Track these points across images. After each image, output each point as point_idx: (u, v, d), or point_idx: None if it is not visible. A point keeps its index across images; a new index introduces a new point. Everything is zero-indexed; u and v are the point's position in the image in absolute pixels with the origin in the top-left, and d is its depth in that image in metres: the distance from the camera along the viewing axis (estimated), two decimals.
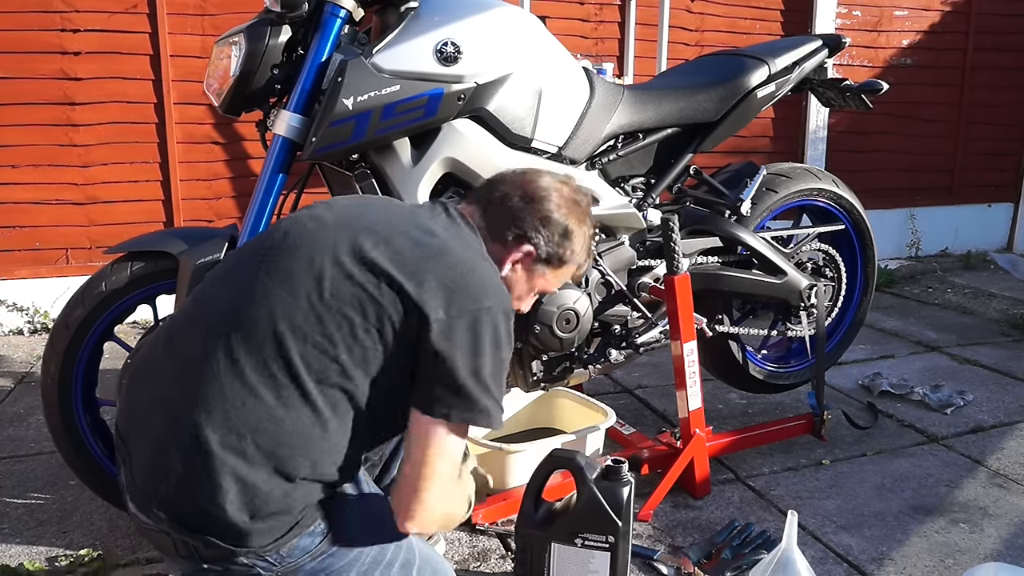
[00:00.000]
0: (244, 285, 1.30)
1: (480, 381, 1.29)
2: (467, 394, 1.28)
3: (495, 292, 1.34)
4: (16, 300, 3.64)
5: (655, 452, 2.25)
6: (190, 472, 1.21)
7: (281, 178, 1.91)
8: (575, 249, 1.51)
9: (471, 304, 1.29)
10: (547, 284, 1.55)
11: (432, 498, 1.27)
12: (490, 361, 1.30)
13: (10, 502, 2.15)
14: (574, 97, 2.11)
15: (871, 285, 2.76)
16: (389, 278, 1.26)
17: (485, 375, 1.29)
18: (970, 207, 5.42)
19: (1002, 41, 5.24)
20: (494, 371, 1.31)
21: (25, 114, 3.51)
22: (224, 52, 1.92)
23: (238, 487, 1.20)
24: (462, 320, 1.28)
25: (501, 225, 1.46)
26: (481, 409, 1.29)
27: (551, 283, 1.55)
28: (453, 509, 1.37)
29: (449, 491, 1.31)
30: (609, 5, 4.33)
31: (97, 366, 1.95)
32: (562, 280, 1.57)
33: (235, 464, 1.20)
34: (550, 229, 1.47)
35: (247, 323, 1.26)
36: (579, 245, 1.52)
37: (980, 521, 2.10)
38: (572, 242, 1.50)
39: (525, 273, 1.50)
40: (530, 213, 1.46)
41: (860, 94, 2.50)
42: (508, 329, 1.34)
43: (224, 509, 1.20)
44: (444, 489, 1.29)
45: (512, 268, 1.48)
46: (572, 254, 1.51)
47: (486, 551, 1.94)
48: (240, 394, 1.22)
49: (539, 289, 1.55)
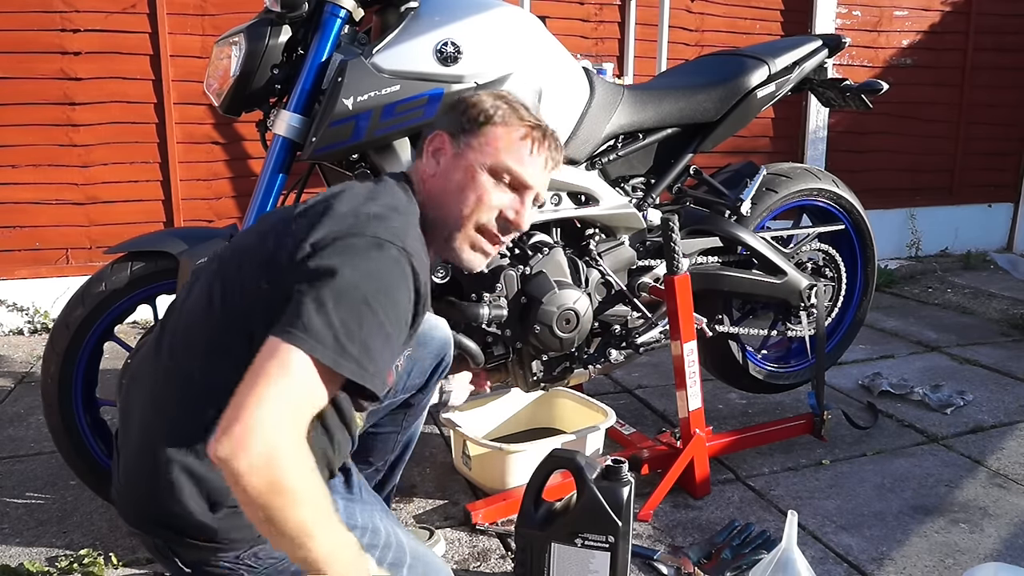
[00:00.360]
0: (201, 284, 1.31)
1: (322, 306, 1.11)
2: (300, 312, 1.11)
3: (367, 225, 1.20)
4: (16, 300, 3.64)
5: (655, 452, 2.25)
6: (150, 472, 1.23)
7: (281, 178, 1.91)
8: (487, 106, 1.38)
9: (338, 231, 1.18)
10: (491, 155, 1.36)
11: (258, 417, 1.03)
12: (344, 286, 1.13)
13: (10, 502, 2.15)
14: (574, 97, 2.11)
15: (871, 285, 2.76)
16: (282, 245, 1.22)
17: (326, 299, 1.12)
18: (970, 207, 5.42)
19: (1002, 41, 5.24)
20: (349, 298, 1.13)
21: (25, 114, 3.51)
22: (224, 52, 1.92)
23: (192, 481, 1.21)
24: (325, 247, 1.17)
25: (421, 146, 1.43)
26: (316, 336, 1.09)
27: (494, 153, 1.36)
28: (284, 456, 1.04)
29: (284, 423, 1.06)
30: (609, 5, 4.33)
31: (97, 366, 1.96)
32: (513, 151, 1.37)
33: (184, 459, 1.21)
34: (456, 106, 1.41)
35: (186, 317, 1.29)
36: (497, 103, 1.39)
37: (980, 521, 2.10)
38: (482, 102, 1.39)
39: (451, 154, 1.38)
40: (439, 116, 1.43)
41: (860, 94, 2.50)
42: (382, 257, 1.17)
43: (185, 505, 1.21)
44: (278, 417, 1.05)
45: (432, 159, 1.39)
46: (490, 109, 1.38)
47: (486, 551, 1.94)
48: (185, 396, 1.24)
49: (486, 164, 1.36)
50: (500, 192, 1.38)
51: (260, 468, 1.02)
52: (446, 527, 2.02)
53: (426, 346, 1.73)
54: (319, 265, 1.15)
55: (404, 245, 1.20)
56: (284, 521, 1.05)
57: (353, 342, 1.12)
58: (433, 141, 1.40)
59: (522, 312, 2.04)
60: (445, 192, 1.37)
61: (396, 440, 1.80)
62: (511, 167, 1.37)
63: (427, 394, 1.79)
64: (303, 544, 1.07)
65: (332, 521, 1.11)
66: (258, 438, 1.02)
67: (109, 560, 1.85)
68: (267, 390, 1.05)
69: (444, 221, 1.38)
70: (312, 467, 1.09)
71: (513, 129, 1.38)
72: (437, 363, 1.76)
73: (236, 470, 1.02)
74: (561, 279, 2.07)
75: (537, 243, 2.09)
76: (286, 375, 1.07)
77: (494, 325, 2.03)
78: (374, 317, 1.14)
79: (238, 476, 1.02)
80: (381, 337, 1.16)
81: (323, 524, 1.09)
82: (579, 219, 2.17)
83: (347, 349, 1.11)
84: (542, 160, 1.41)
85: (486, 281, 2.01)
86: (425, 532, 1.94)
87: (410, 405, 1.78)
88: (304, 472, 1.07)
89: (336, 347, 1.10)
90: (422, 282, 1.23)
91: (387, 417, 1.76)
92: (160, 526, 1.26)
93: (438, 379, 1.80)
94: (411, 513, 2.10)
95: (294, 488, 1.04)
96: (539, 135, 1.40)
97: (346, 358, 1.11)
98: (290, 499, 1.04)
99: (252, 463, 1.01)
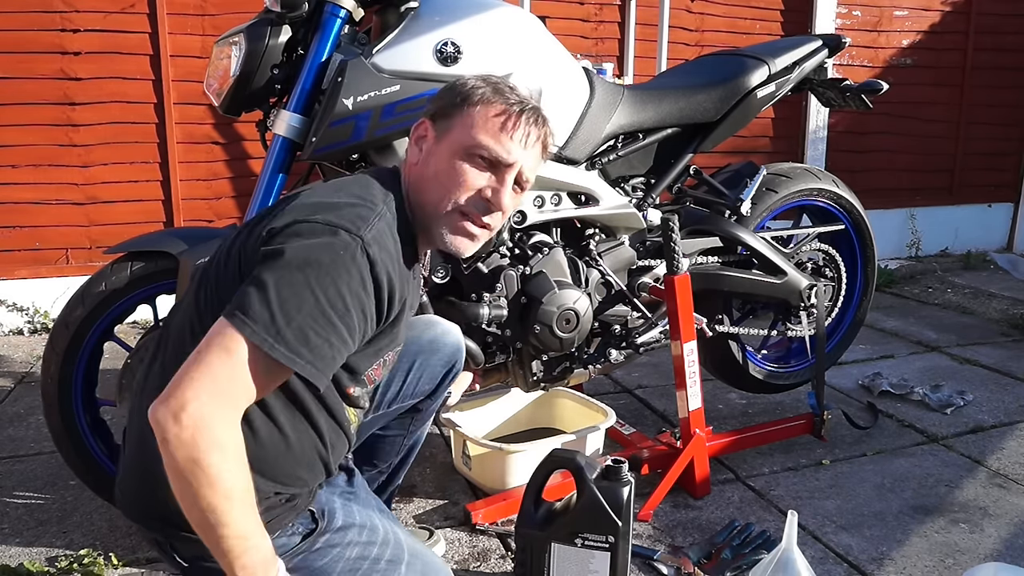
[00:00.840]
0: (194, 283, 1.33)
1: (263, 287, 1.12)
2: (244, 292, 1.12)
3: (324, 212, 1.19)
4: (16, 300, 3.64)
5: (655, 452, 2.25)
6: (144, 467, 1.25)
7: (281, 178, 1.92)
8: (467, 88, 1.34)
9: (294, 218, 1.18)
10: (465, 135, 1.32)
11: (193, 392, 1.06)
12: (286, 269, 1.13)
13: (10, 502, 2.15)
14: (574, 97, 2.11)
15: (871, 285, 2.76)
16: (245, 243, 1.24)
17: (267, 280, 1.12)
18: (970, 207, 5.42)
19: (1002, 41, 5.24)
20: (289, 281, 1.12)
21: (25, 114, 3.51)
22: (224, 52, 1.92)
23: None
24: (279, 232, 1.18)
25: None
26: (252, 316, 1.10)
27: (469, 132, 1.32)
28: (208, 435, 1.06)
29: (216, 402, 1.08)
30: (609, 5, 4.33)
31: (97, 366, 1.95)
32: (488, 129, 1.32)
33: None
34: (442, 93, 1.38)
35: (178, 322, 1.30)
36: (479, 84, 1.35)
37: (980, 521, 2.10)
38: (465, 85, 1.35)
39: (432, 140, 1.35)
40: (428, 105, 1.39)
41: (860, 94, 2.50)
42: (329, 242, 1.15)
43: (168, 503, 1.20)
44: (209, 395, 1.07)
45: (416, 147, 1.36)
46: (470, 91, 1.34)
47: (486, 551, 1.93)
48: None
49: (462, 145, 1.32)
50: (477, 172, 1.32)
51: (185, 440, 1.05)
52: (446, 527, 2.02)
53: (437, 352, 1.72)
54: (268, 249, 1.16)
55: (359, 232, 1.18)
56: (195, 498, 1.07)
57: (290, 326, 1.11)
58: (417, 129, 1.37)
59: (522, 312, 2.04)
60: (424, 178, 1.34)
61: (402, 443, 1.80)
62: (486, 144, 1.31)
63: (436, 400, 1.79)
64: (213, 530, 1.09)
65: (247, 517, 1.11)
66: (188, 412, 1.05)
67: (109, 560, 1.85)
68: (206, 369, 1.08)
69: (426, 207, 1.34)
70: (237, 456, 1.10)
71: (490, 107, 1.33)
72: (448, 369, 1.76)
73: (164, 436, 1.06)
74: (561, 279, 2.07)
75: (537, 243, 2.09)
76: (225, 356, 1.09)
77: (494, 325, 2.03)
78: (316, 302, 1.13)
79: (165, 442, 1.07)
80: (323, 323, 1.14)
81: (236, 516, 1.09)
82: (579, 219, 2.17)
83: (282, 333, 1.11)
84: (520, 135, 1.33)
85: (486, 281, 2.01)
86: (425, 532, 1.94)
87: (418, 410, 1.77)
88: (225, 456, 1.08)
89: (271, 330, 1.10)
90: (382, 269, 1.20)
91: (395, 421, 1.76)
92: (156, 520, 1.28)
93: (448, 385, 1.79)
94: (411, 513, 2.10)
95: (210, 470, 1.06)
96: (516, 109, 1.33)
97: (280, 342, 1.11)
98: (205, 479, 1.06)
99: (178, 434, 1.06)
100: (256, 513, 1.14)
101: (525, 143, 1.34)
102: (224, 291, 1.22)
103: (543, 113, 1.38)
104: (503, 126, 1.32)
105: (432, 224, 1.35)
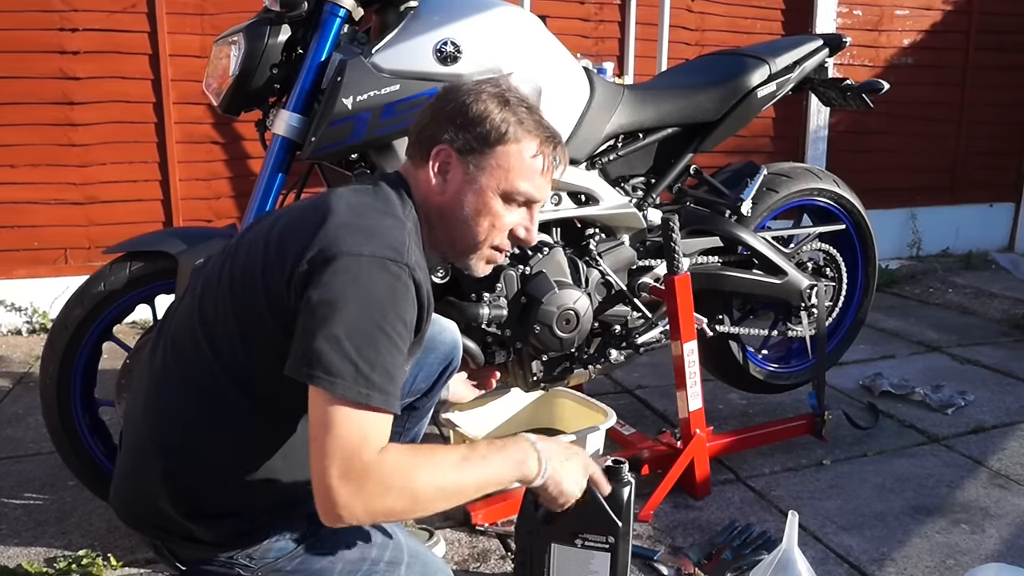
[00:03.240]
0: (192, 290, 1.33)
1: (333, 340, 1.10)
2: (318, 353, 1.10)
3: (365, 242, 1.16)
4: (15, 300, 3.63)
5: (655, 452, 2.24)
6: (138, 473, 1.27)
7: (280, 178, 1.91)
8: (496, 122, 1.30)
9: (335, 249, 1.14)
10: (503, 179, 1.31)
11: (333, 482, 1.08)
12: (353, 315, 1.11)
13: (8, 503, 2.14)
14: (574, 97, 2.10)
15: (872, 285, 2.76)
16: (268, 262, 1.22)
17: (338, 332, 1.10)
18: (971, 207, 5.41)
19: (1003, 40, 5.24)
20: (360, 327, 1.11)
21: (24, 114, 3.50)
22: (223, 52, 1.92)
23: (173, 488, 1.23)
24: (323, 268, 1.14)
25: (420, 151, 1.34)
26: (336, 373, 1.09)
27: (507, 176, 1.31)
28: (382, 503, 1.11)
29: (363, 477, 1.09)
30: (609, 5, 4.33)
31: (96, 366, 1.95)
32: (526, 173, 1.32)
33: (165, 463, 1.24)
34: (460, 116, 1.30)
35: (177, 326, 1.30)
36: (505, 116, 1.30)
37: (981, 522, 2.10)
38: (492, 116, 1.30)
39: (460, 176, 1.31)
40: (439, 118, 1.32)
41: (861, 93, 2.50)
42: (384, 277, 1.14)
43: (169, 507, 1.24)
44: (353, 475, 1.08)
45: (439, 178, 1.32)
46: (500, 126, 1.30)
47: (486, 551, 1.93)
48: (167, 397, 1.27)
49: (499, 189, 1.31)
50: (512, 212, 1.35)
51: (374, 516, 1.13)
52: (446, 527, 2.02)
53: (434, 351, 1.72)
54: (322, 297, 1.12)
55: (404, 259, 1.18)
56: (435, 507, 1.18)
57: (375, 370, 1.12)
58: (439, 156, 1.32)
59: (522, 312, 2.04)
60: (456, 216, 1.33)
61: (399, 441, 1.79)
62: (524, 190, 1.33)
63: (432, 397, 1.79)
64: (481, 487, 1.21)
65: (476, 473, 1.20)
66: (354, 502, 1.09)
67: (108, 561, 1.85)
68: (330, 447, 1.08)
69: (455, 241, 1.37)
70: (405, 475, 1.12)
71: (524, 146, 1.32)
72: (444, 367, 1.76)
73: (361, 522, 1.13)
74: (561, 279, 2.06)
75: (537, 243, 2.08)
76: (335, 423, 1.09)
77: (494, 325, 2.02)
78: (389, 341, 1.14)
79: (365, 523, 1.16)
80: (397, 356, 1.16)
81: (470, 485, 1.19)
82: (579, 219, 2.17)
83: (371, 379, 1.11)
84: (550, 171, 1.37)
85: (486, 281, 2.01)
86: (425, 533, 1.94)
87: (415, 408, 1.77)
88: (395, 492, 1.11)
89: (361, 381, 1.10)
90: (424, 292, 1.22)
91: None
92: (151, 526, 1.28)
93: (444, 382, 1.79)
94: None
95: (407, 512, 1.16)
96: (549, 149, 1.35)
97: (372, 388, 1.11)
98: (417, 511, 1.17)
99: (365, 518, 1.12)
100: (478, 455, 1.22)
101: (551, 176, 1.39)
102: (245, 317, 1.21)
103: (562, 139, 1.40)
104: (537, 170, 1.34)
105: (461, 254, 1.38)
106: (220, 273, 1.28)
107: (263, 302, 1.19)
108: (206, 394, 1.23)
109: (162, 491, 1.23)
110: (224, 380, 1.22)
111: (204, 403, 1.23)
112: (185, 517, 1.24)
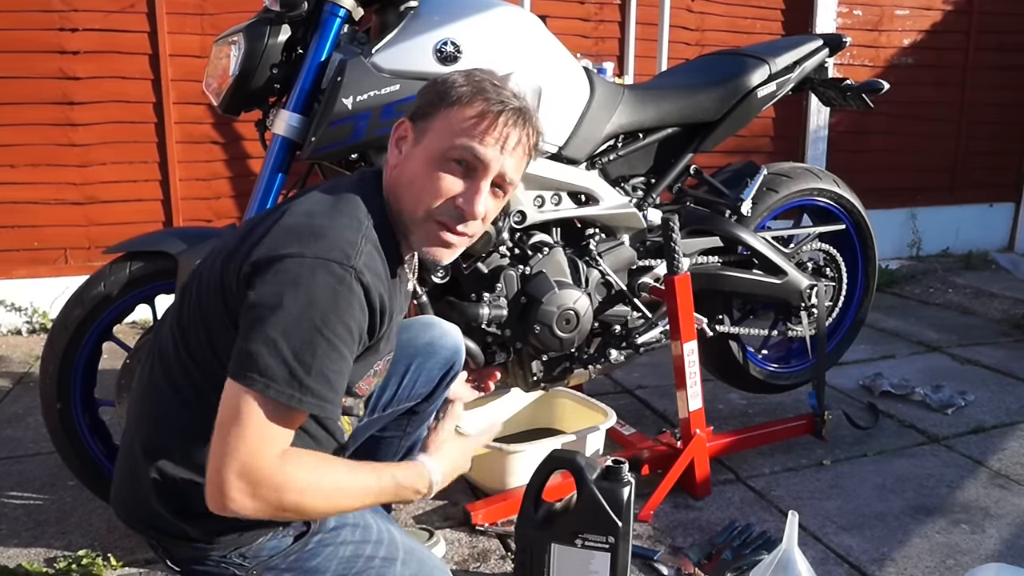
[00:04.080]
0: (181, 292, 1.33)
1: (273, 344, 1.08)
2: (254, 356, 1.08)
3: (309, 243, 1.13)
4: (14, 300, 3.63)
5: (655, 452, 2.24)
6: (133, 473, 1.27)
7: (280, 178, 1.91)
8: (447, 86, 1.25)
9: (277, 252, 1.12)
10: (443, 139, 1.23)
11: (230, 476, 1.07)
12: (291, 318, 1.09)
13: (8, 502, 2.14)
14: (574, 97, 2.10)
15: (872, 285, 2.76)
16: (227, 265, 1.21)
17: (275, 335, 1.08)
18: (971, 207, 5.41)
19: (1003, 40, 5.24)
20: (298, 331, 1.09)
21: (24, 113, 3.50)
22: (223, 51, 1.91)
23: (164, 485, 1.23)
24: (266, 269, 1.12)
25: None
26: (271, 376, 1.07)
27: (447, 136, 1.23)
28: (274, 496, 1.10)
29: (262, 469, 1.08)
30: (609, 5, 4.32)
31: (96, 366, 1.95)
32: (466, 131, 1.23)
33: (157, 464, 1.24)
34: (427, 88, 1.28)
35: (164, 328, 1.31)
36: (464, 83, 1.25)
37: (981, 522, 2.10)
38: (446, 83, 1.25)
39: (411, 143, 1.27)
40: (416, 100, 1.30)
41: (861, 93, 2.50)
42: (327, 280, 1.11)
43: (161, 507, 1.24)
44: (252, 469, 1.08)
45: (396, 149, 1.28)
46: (452, 90, 1.24)
47: (486, 551, 1.93)
48: (154, 399, 1.28)
49: (438, 150, 1.24)
50: (452, 178, 1.24)
51: (261, 515, 1.11)
52: (446, 527, 2.02)
53: (435, 355, 1.71)
54: (260, 299, 1.11)
55: (351, 262, 1.14)
56: (321, 514, 1.22)
57: (310, 374, 1.10)
58: (398, 129, 1.30)
59: (522, 312, 2.04)
60: (401, 183, 1.27)
61: (400, 445, 1.79)
62: (462, 148, 1.22)
63: (433, 402, 1.77)
64: (361, 502, 1.22)
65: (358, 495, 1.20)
66: (245, 499, 1.08)
67: (108, 561, 1.85)
68: (236, 444, 1.08)
69: (402, 214, 1.28)
70: (305, 477, 1.13)
71: (467, 108, 1.23)
72: (446, 372, 1.74)
73: (245, 516, 1.11)
74: (561, 279, 2.06)
75: (537, 243, 2.08)
76: (250, 423, 1.08)
77: (494, 325, 2.02)
78: (329, 344, 1.11)
79: (250, 517, 1.12)
80: (338, 361, 1.13)
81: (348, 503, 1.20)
82: (579, 219, 2.17)
83: (305, 383, 1.10)
84: (496, 137, 1.24)
85: (486, 281, 2.01)
86: (425, 533, 1.94)
87: (415, 413, 1.76)
88: (295, 491, 1.11)
89: (294, 384, 1.09)
90: (375, 295, 1.17)
91: (392, 423, 1.75)
92: (146, 525, 1.29)
93: (446, 387, 1.77)
94: (411, 513, 2.09)
95: (293, 510, 1.13)
96: (495, 110, 1.23)
97: (305, 393, 1.10)
98: (298, 514, 1.17)
99: (251, 515, 1.11)
100: (362, 472, 1.22)
101: (503, 146, 1.25)
102: (209, 318, 1.21)
103: (527, 112, 1.29)
104: (479, 129, 1.23)
105: (409, 232, 1.29)
106: (200, 276, 1.28)
107: (222, 305, 1.19)
108: (185, 395, 1.24)
109: (153, 491, 1.24)
110: (200, 381, 1.22)
111: (185, 404, 1.24)
112: (176, 516, 1.24)
